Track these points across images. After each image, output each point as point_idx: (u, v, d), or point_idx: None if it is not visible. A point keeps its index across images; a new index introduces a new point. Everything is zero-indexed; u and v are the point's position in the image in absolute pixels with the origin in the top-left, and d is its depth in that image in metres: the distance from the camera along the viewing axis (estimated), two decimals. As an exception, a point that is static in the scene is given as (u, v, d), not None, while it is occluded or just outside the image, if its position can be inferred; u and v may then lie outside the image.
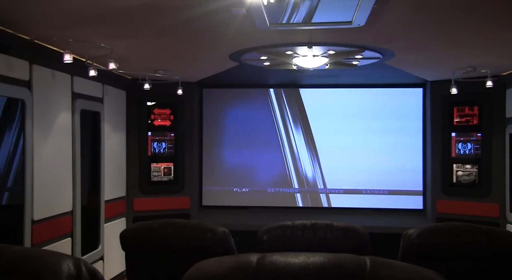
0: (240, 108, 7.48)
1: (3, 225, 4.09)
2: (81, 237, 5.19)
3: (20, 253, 1.24)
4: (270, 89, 7.43)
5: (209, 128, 7.50)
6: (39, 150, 4.42)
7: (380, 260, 1.37)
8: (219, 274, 1.34)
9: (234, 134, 7.48)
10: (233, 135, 7.48)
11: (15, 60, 4.08)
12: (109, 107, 6.01)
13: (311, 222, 3.31)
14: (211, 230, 3.27)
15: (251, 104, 7.47)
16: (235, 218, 7.15)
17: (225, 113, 7.49)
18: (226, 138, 7.48)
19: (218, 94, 7.50)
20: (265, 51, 4.74)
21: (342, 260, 1.36)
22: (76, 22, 3.71)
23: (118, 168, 6.39)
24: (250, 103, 7.48)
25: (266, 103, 7.46)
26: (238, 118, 7.48)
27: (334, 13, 3.62)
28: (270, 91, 7.43)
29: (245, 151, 7.46)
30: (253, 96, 7.48)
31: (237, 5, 3.22)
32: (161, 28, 3.89)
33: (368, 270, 1.32)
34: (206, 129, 7.49)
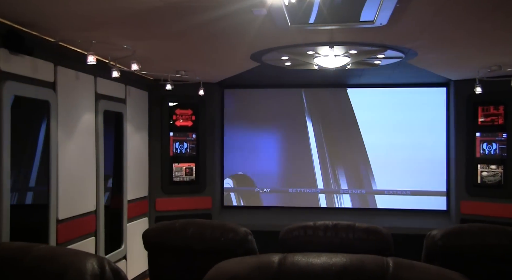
0: (262, 109, 7.48)
1: (29, 224, 4.17)
2: (105, 236, 5.25)
3: (45, 251, 1.26)
4: (291, 89, 7.41)
5: (230, 129, 7.51)
6: (63, 150, 4.49)
7: (403, 261, 1.35)
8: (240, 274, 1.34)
9: (255, 135, 7.48)
10: (254, 135, 7.48)
11: (41, 62, 4.15)
12: (131, 108, 6.07)
13: (333, 223, 3.29)
14: (233, 230, 3.27)
15: (273, 104, 7.46)
16: (256, 218, 7.16)
17: (246, 114, 7.50)
18: (247, 138, 7.49)
19: (239, 95, 7.52)
20: (286, 51, 4.74)
21: (364, 261, 1.35)
22: (99, 24, 3.76)
23: (141, 168, 6.44)
24: (271, 103, 7.47)
25: (286, 103, 7.44)
26: (260, 118, 7.48)
27: (356, 12, 3.59)
28: (292, 91, 7.42)
29: (266, 151, 7.45)
30: (274, 96, 7.47)
31: (258, 6, 3.22)
32: (182, 29, 3.91)
33: (390, 271, 1.31)
34: (228, 130, 7.51)
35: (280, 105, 7.46)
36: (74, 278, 1.18)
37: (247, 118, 7.50)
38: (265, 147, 7.46)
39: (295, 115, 7.43)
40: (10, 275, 1.20)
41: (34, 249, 1.27)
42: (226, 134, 7.51)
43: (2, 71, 3.66)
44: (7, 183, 3.65)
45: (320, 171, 7.37)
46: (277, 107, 7.46)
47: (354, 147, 7.31)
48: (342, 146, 7.34)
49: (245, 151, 7.49)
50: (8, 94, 3.68)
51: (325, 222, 3.32)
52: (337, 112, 7.37)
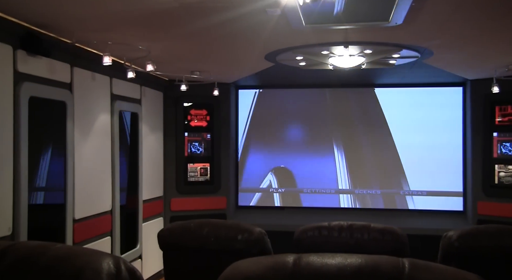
0: (276, 109, 7.47)
1: (46, 224, 4.21)
2: (120, 236, 5.29)
3: (62, 250, 1.27)
4: (306, 89, 7.40)
5: (244, 129, 7.52)
6: (79, 150, 4.53)
7: (419, 262, 1.34)
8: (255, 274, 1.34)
9: (270, 135, 7.48)
10: (269, 135, 7.48)
11: (57, 63, 4.20)
12: (146, 108, 6.10)
13: (347, 223, 3.28)
14: (248, 230, 3.27)
15: (287, 105, 7.46)
16: (271, 218, 7.15)
17: (261, 114, 7.50)
18: (262, 138, 7.49)
19: (254, 95, 7.51)
20: (301, 51, 4.73)
21: (379, 261, 1.34)
22: (115, 25, 3.79)
23: (156, 168, 6.48)
24: (285, 103, 7.46)
25: (301, 103, 7.43)
26: (274, 118, 7.47)
27: (371, 11, 3.58)
28: (306, 91, 7.41)
29: (282, 151, 7.45)
30: (289, 96, 7.46)
31: (272, 6, 3.22)
32: (197, 30, 3.92)
33: (406, 272, 1.30)
34: (242, 130, 7.52)
35: (295, 105, 7.44)
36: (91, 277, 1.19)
37: (262, 118, 7.49)
38: (280, 147, 7.45)
39: (309, 115, 7.41)
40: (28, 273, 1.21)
41: (52, 248, 1.28)
42: (241, 134, 7.51)
43: (19, 73, 3.71)
44: (24, 182, 3.70)
45: (334, 171, 7.34)
46: (292, 107, 7.45)
47: (370, 147, 7.28)
48: (358, 146, 7.31)
49: (260, 151, 7.48)
50: (25, 95, 3.73)
51: (340, 222, 3.31)
52: (353, 112, 7.34)
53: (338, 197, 7.34)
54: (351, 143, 7.32)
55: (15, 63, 3.66)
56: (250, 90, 7.51)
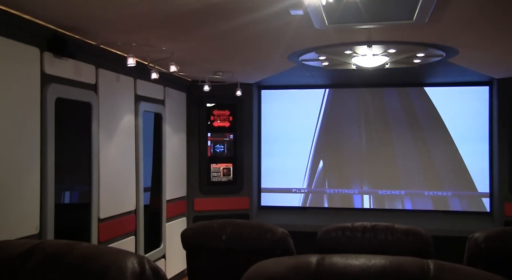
0: (299, 109, 7.45)
1: (72, 223, 4.28)
2: (144, 236, 5.34)
3: (88, 249, 1.29)
4: (329, 89, 7.36)
5: (268, 129, 7.52)
6: (104, 150, 4.59)
7: (444, 264, 1.32)
8: (278, 274, 1.34)
9: (292, 135, 7.46)
10: (291, 136, 7.46)
11: (83, 65, 4.26)
12: (170, 109, 6.15)
13: (371, 224, 3.25)
14: (270, 231, 3.27)
15: (310, 105, 7.43)
16: (294, 218, 7.14)
17: (284, 114, 7.48)
18: (284, 139, 7.48)
19: (277, 95, 7.51)
20: (324, 51, 4.71)
21: (404, 263, 1.33)
22: (139, 27, 3.83)
23: (179, 168, 6.52)
24: (308, 103, 7.44)
25: (323, 103, 7.39)
26: (297, 119, 7.45)
27: (395, 10, 3.54)
28: (330, 91, 7.37)
29: (304, 152, 7.42)
30: (311, 96, 7.43)
31: (295, 6, 3.22)
32: (220, 31, 3.94)
33: (431, 274, 1.28)
34: (265, 130, 7.52)
35: (317, 105, 7.41)
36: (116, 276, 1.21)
37: (284, 118, 7.48)
38: (303, 147, 7.43)
39: (334, 114, 7.37)
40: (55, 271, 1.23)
41: (78, 247, 1.30)
42: (264, 134, 7.52)
43: (46, 74, 3.78)
44: (51, 182, 3.76)
45: (357, 172, 7.29)
46: (314, 107, 7.41)
47: (394, 147, 7.20)
48: (381, 146, 7.24)
49: (283, 151, 7.47)
50: (52, 96, 3.79)
51: (363, 223, 3.28)
52: (376, 112, 7.27)
53: (361, 197, 7.28)
54: (374, 143, 7.25)
55: (42, 65, 3.73)
56: (273, 90, 7.50)
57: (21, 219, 3.49)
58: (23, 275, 1.24)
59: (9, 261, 1.27)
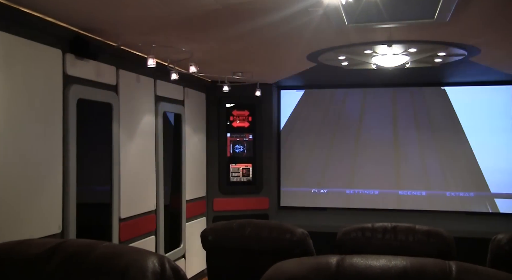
0: (318, 109, 7.42)
1: (94, 222, 4.33)
2: (164, 235, 5.37)
3: (109, 249, 1.31)
4: (349, 89, 7.32)
5: (287, 130, 7.51)
6: (125, 151, 4.63)
7: (467, 266, 1.30)
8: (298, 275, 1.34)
9: (312, 135, 7.44)
10: (311, 136, 7.44)
11: (104, 66, 4.31)
12: (189, 109, 6.18)
13: (391, 225, 3.22)
14: (290, 231, 3.27)
15: (329, 105, 7.40)
16: (313, 219, 7.11)
17: (303, 114, 7.47)
18: (304, 139, 7.46)
19: (296, 95, 7.50)
20: (343, 51, 4.68)
21: (425, 264, 1.31)
22: (159, 28, 3.86)
23: (199, 168, 6.55)
24: (327, 103, 7.40)
25: (342, 103, 7.36)
26: (316, 119, 7.43)
27: (416, 9, 3.51)
28: (348, 91, 7.33)
29: (324, 152, 7.39)
30: (330, 97, 7.40)
31: (314, 6, 3.21)
32: (239, 32, 3.95)
33: (453, 276, 1.26)
34: (284, 131, 7.51)
35: (337, 105, 7.38)
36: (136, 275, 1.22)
37: (303, 118, 7.46)
38: (322, 147, 7.40)
39: (352, 115, 7.33)
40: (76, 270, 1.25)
41: (99, 246, 1.32)
42: (283, 135, 7.51)
43: (68, 75, 3.83)
44: (73, 182, 3.81)
45: (377, 172, 7.23)
46: (333, 107, 7.38)
47: (417, 147, 7.13)
48: (403, 146, 7.17)
49: (302, 151, 7.45)
50: (73, 97, 3.84)
51: (383, 223, 3.25)
52: (396, 112, 7.21)
53: (381, 198, 7.23)
54: (394, 142, 7.19)
55: (64, 67, 3.79)
56: (292, 90, 7.49)
57: (44, 218, 3.54)
58: (46, 274, 1.26)
59: (33, 260, 1.29)
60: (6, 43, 3.18)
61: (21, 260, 1.30)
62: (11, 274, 1.29)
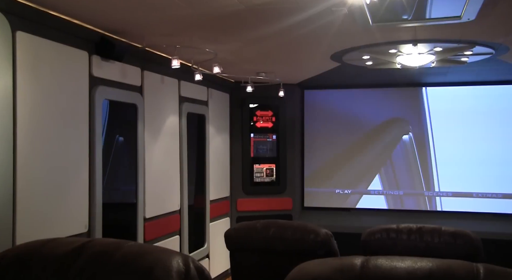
0: (342, 109, 7.37)
1: (119, 222, 4.38)
2: (188, 235, 5.40)
3: (134, 248, 1.32)
4: (373, 89, 7.26)
5: (310, 130, 7.48)
6: (149, 151, 4.67)
7: (495, 268, 1.28)
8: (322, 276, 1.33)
9: (335, 135, 7.40)
10: (334, 136, 7.40)
11: (129, 67, 4.36)
12: (213, 110, 6.21)
13: (417, 226, 3.18)
14: (314, 232, 3.26)
15: (352, 105, 7.34)
16: (337, 219, 7.07)
17: (327, 114, 7.43)
18: (327, 139, 7.42)
19: (320, 95, 7.47)
20: (367, 51, 4.65)
21: (452, 266, 1.29)
22: (183, 29, 3.89)
23: (222, 169, 6.58)
24: (351, 103, 7.35)
25: (366, 103, 7.30)
26: (339, 119, 7.38)
27: (441, 8, 3.46)
28: (372, 91, 7.27)
29: (348, 152, 7.34)
30: (354, 96, 7.35)
31: (338, 5, 3.19)
32: (263, 32, 3.95)
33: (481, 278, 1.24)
34: (308, 131, 7.48)
35: (361, 105, 7.32)
36: (161, 274, 1.23)
37: (327, 118, 7.42)
38: (346, 148, 7.35)
39: (376, 115, 7.26)
40: (103, 268, 1.27)
41: (125, 245, 1.33)
42: (307, 135, 7.48)
43: (94, 77, 3.89)
44: (99, 182, 3.87)
45: (403, 172, 7.15)
46: (357, 107, 7.33)
47: (443, 147, 7.03)
48: (428, 146, 7.08)
49: (326, 152, 7.42)
50: (100, 98, 3.90)
51: (409, 225, 3.22)
52: (425, 111, 7.12)
53: (406, 198, 7.14)
54: (420, 143, 7.10)
55: (91, 68, 3.84)
56: (316, 90, 7.46)
57: (71, 217, 3.60)
58: (73, 272, 1.28)
59: (61, 258, 1.31)
60: (34, 45, 3.24)
61: (49, 258, 1.33)
62: (40, 271, 1.32)
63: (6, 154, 2.98)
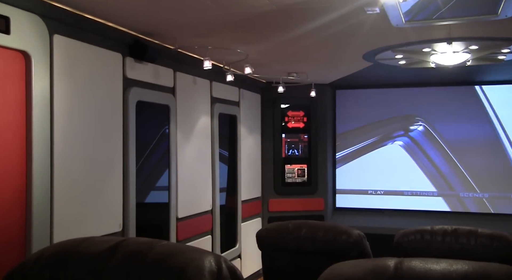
0: (374, 108, 7.30)
1: (152, 221, 4.44)
2: (220, 235, 5.43)
3: (167, 247, 1.34)
4: (403, 89, 7.16)
5: (342, 130, 7.42)
6: (182, 152, 4.72)
7: (533, 272, 1.25)
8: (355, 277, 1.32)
9: (368, 135, 7.32)
10: (366, 136, 7.33)
11: (162, 69, 4.41)
12: (245, 110, 6.23)
13: (452, 227, 3.12)
14: (346, 232, 3.23)
15: (385, 104, 7.26)
16: (370, 220, 7.00)
17: (359, 114, 7.36)
18: (360, 139, 7.35)
19: (352, 95, 7.41)
20: (400, 50, 4.58)
21: (488, 269, 1.26)
22: (214, 30, 3.91)
23: (254, 169, 6.59)
24: (384, 103, 7.27)
25: (400, 102, 7.20)
26: (371, 118, 7.30)
27: (477, 5, 3.38)
28: (405, 90, 7.16)
29: (380, 152, 7.26)
30: (387, 96, 7.26)
31: (371, 4, 3.16)
32: (294, 32, 3.94)
33: (519, 282, 1.21)
34: (340, 131, 7.43)
35: (393, 104, 7.23)
36: (194, 274, 1.24)
37: (359, 119, 7.36)
38: (378, 148, 7.27)
39: (408, 114, 7.16)
40: (136, 267, 1.29)
41: (158, 245, 1.35)
42: (338, 135, 7.43)
43: (128, 78, 3.95)
44: (133, 182, 3.93)
45: (435, 173, 7.02)
46: (390, 106, 7.24)
47: (478, 147, 6.87)
48: (463, 146, 6.93)
49: (358, 151, 7.35)
50: (133, 99, 3.96)
51: (443, 226, 3.16)
52: (458, 111, 6.98)
53: (440, 200, 7.01)
54: (454, 143, 6.96)
55: (124, 70, 3.91)
56: (348, 90, 7.40)
57: (106, 217, 3.67)
58: (108, 270, 1.30)
59: (96, 257, 1.34)
60: (71, 48, 3.31)
61: (85, 256, 1.36)
62: (76, 269, 1.35)
63: (44, 155, 3.06)
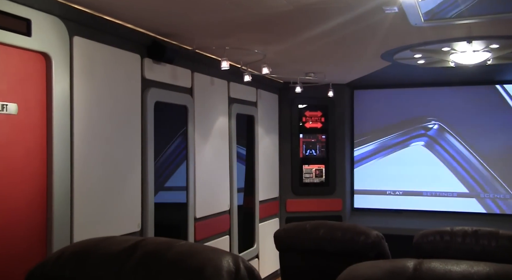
0: (392, 109, 7.25)
1: (170, 221, 4.47)
2: (238, 235, 5.44)
3: (186, 247, 1.34)
4: (422, 89, 7.09)
5: (360, 130, 7.38)
6: (200, 152, 4.74)
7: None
8: (373, 278, 1.31)
9: (386, 136, 7.27)
10: (385, 136, 7.28)
11: (179, 70, 4.44)
12: (262, 110, 6.23)
13: (472, 229, 3.08)
14: (364, 233, 3.21)
15: (404, 104, 7.20)
16: (388, 221, 6.94)
17: (377, 114, 7.31)
18: (378, 139, 7.31)
19: (370, 95, 7.36)
20: (419, 49, 4.54)
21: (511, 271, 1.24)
22: (232, 31, 3.92)
23: (271, 169, 6.58)
24: (402, 103, 7.21)
25: (417, 103, 7.13)
26: (390, 118, 7.25)
27: (497, 3, 3.34)
28: (424, 90, 7.10)
29: (398, 152, 7.20)
30: (406, 96, 7.20)
31: (389, 4, 3.14)
32: (312, 32, 3.93)
33: (542, 284, 1.19)
34: (358, 131, 7.39)
35: (412, 104, 7.16)
36: (212, 274, 1.24)
37: (378, 119, 7.31)
38: (397, 148, 7.22)
39: (427, 115, 7.09)
40: (155, 266, 1.30)
41: (176, 244, 1.36)
42: (357, 135, 7.39)
43: (146, 79, 3.98)
44: (151, 182, 3.96)
45: (455, 173, 6.94)
46: (408, 106, 7.18)
47: (499, 147, 6.77)
48: (483, 146, 6.84)
49: (377, 152, 7.30)
50: (151, 100, 3.99)
51: (463, 227, 3.12)
52: (477, 111, 6.89)
53: (460, 201, 6.93)
54: (474, 144, 6.87)
55: (143, 71, 3.94)
56: (366, 90, 7.36)
57: (125, 217, 3.70)
58: (127, 269, 1.31)
59: (116, 255, 1.35)
60: (90, 49, 3.35)
61: (104, 255, 1.37)
62: (96, 268, 1.36)
63: (65, 155, 3.10)
